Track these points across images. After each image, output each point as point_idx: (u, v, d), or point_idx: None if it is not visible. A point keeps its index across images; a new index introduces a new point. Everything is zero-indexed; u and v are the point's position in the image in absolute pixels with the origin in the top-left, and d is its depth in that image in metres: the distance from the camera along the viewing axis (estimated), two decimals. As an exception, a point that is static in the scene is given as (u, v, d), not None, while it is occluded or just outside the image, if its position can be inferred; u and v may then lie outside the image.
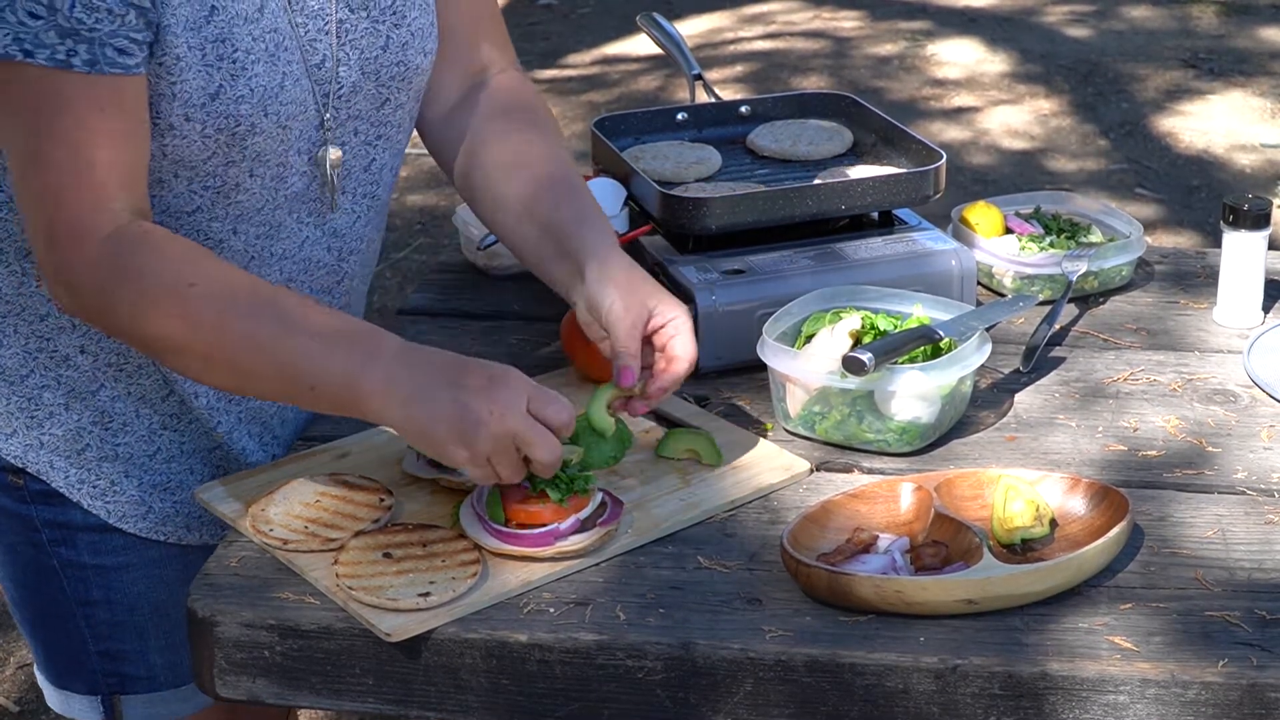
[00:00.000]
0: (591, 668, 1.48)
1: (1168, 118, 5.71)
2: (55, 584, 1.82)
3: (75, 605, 1.82)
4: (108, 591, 1.82)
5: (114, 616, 1.83)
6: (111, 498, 1.79)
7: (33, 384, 1.75)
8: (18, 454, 1.77)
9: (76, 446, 1.77)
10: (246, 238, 1.71)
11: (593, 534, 1.58)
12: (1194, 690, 1.43)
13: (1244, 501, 1.69)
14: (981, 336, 1.81)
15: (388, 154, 1.81)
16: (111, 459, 1.78)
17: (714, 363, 1.93)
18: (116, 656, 1.84)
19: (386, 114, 1.78)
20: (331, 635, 1.51)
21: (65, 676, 1.87)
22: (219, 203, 1.67)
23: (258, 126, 1.62)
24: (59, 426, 1.76)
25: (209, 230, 1.68)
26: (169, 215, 1.66)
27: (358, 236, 1.82)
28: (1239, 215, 2.04)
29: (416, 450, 1.71)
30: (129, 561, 1.82)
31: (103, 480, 1.79)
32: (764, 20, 6.86)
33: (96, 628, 1.83)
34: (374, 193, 1.81)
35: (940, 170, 2.05)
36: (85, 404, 1.76)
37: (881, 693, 1.46)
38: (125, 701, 1.86)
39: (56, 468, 1.78)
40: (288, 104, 1.64)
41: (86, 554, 1.81)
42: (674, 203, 1.99)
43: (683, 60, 2.33)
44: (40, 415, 1.76)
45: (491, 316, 2.12)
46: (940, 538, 1.59)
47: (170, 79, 1.57)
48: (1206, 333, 2.06)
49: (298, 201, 1.73)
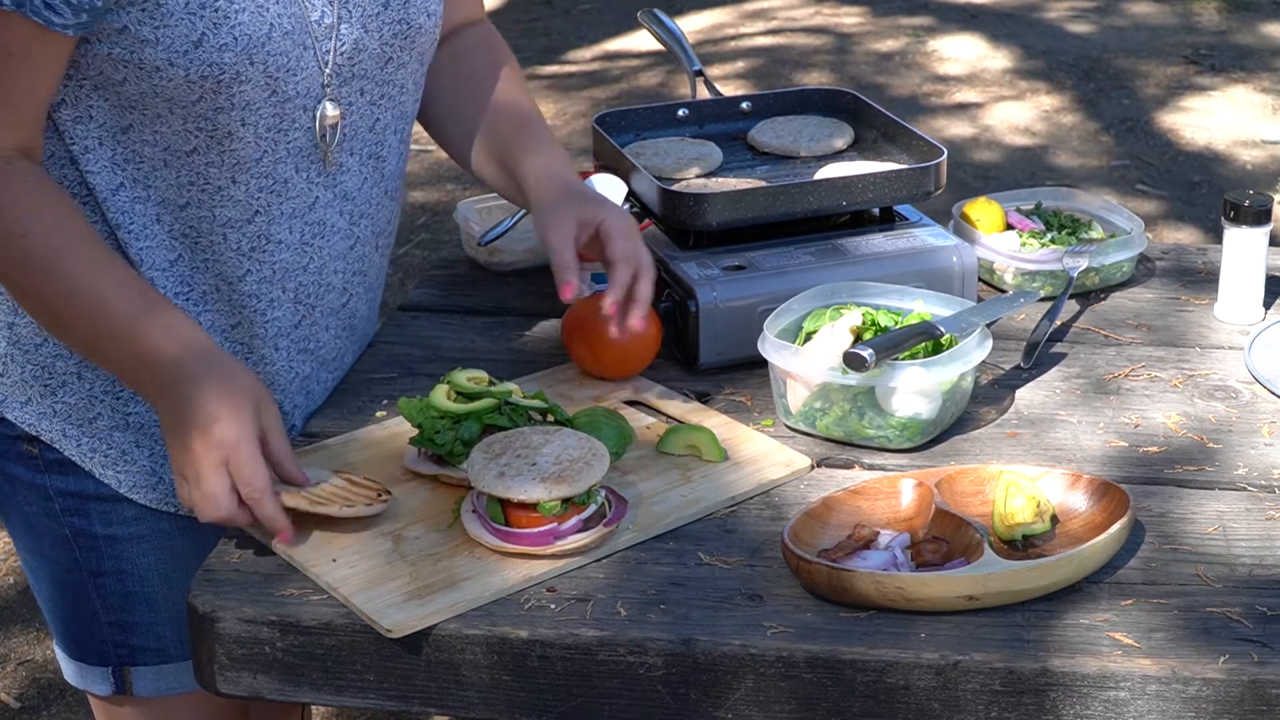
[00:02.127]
0: (592, 664, 1.48)
1: (1169, 114, 5.71)
2: (69, 554, 1.84)
3: (87, 576, 1.84)
4: (118, 562, 1.84)
5: (124, 587, 1.84)
6: (123, 467, 1.81)
7: (46, 352, 1.77)
8: (32, 422, 1.79)
9: (89, 415, 1.79)
10: (247, 189, 1.72)
11: (594, 533, 1.58)
12: (1195, 686, 1.43)
13: (1245, 497, 1.69)
14: (982, 332, 1.81)
15: (391, 115, 1.82)
16: (123, 428, 1.80)
17: (715, 359, 1.93)
18: (127, 628, 1.86)
19: (390, 73, 1.79)
20: (332, 631, 1.51)
21: (79, 648, 1.89)
22: (214, 147, 1.68)
23: (243, 75, 1.63)
24: (72, 395, 1.78)
25: (207, 175, 1.70)
26: (169, 153, 1.68)
27: (366, 199, 1.83)
28: (1240, 211, 2.04)
29: (418, 446, 1.71)
30: (139, 533, 1.83)
31: (114, 450, 1.80)
32: (765, 16, 6.86)
33: (107, 598, 1.85)
34: (379, 154, 1.83)
35: (941, 166, 2.04)
36: (97, 372, 1.78)
37: (882, 689, 1.46)
38: (135, 673, 1.87)
39: (69, 436, 1.79)
40: (276, 55, 1.65)
41: (98, 524, 1.82)
42: (675, 199, 1.99)
43: (684, 56, 2.33)
44: (53, 384, 1.78)
45: (493, 312, 2.12)
46: (941, 534, 1.59)
47: (154, 24, 1.59)
48: (1208, 329, 2.06)
49: (303, 159, 1.74)
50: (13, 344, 1.78)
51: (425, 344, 2.04)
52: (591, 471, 1.58)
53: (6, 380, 1.79)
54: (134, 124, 1.66)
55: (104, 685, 1.89)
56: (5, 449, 1.82)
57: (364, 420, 1.85)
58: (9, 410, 1.80)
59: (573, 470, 1.58)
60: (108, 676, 1.88)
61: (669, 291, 1.96)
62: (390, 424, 1.82)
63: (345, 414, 1.87)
